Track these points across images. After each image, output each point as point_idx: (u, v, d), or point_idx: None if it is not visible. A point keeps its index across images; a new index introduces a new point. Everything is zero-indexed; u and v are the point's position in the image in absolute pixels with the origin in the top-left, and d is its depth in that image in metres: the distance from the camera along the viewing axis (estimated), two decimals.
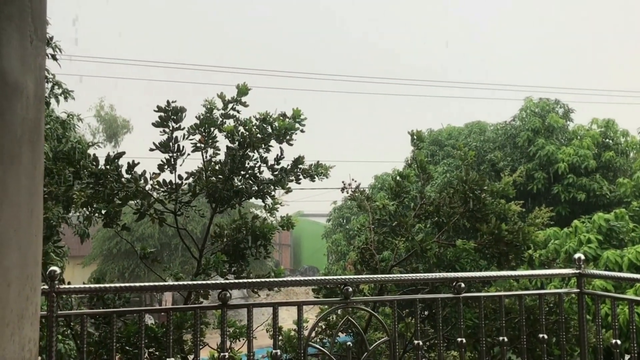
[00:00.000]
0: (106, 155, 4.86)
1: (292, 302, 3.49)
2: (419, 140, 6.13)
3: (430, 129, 19.69)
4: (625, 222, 10.93)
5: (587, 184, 14.64)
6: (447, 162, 16.28)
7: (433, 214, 5.84)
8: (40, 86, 1.66)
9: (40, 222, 1.66)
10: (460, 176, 5.73)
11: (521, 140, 15.64)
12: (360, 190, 6.33)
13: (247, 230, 5.23)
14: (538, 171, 14.96)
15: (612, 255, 9.65)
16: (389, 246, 6.13)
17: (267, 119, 5.30)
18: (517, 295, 4.31)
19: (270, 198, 5.47)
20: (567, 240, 10.70)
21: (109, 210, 4.92)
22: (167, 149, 4.99)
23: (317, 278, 3.68)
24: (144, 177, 4.92)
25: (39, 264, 1.65)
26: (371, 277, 3.96)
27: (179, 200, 5.08)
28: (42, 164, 1.71)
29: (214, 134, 5.21)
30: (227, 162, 5.20)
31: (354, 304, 3.72)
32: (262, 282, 3.58)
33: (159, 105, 4.91)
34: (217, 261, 4.87)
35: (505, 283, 6.47)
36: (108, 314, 3.90)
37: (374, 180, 20.02)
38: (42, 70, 1.72)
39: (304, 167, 5.46)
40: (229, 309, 3.35)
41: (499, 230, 5.44)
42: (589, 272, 4.06)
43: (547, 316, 5.02)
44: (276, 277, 5.21)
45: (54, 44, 7.12)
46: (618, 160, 15.48)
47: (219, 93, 5.24)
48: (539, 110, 16.25)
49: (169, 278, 5.45)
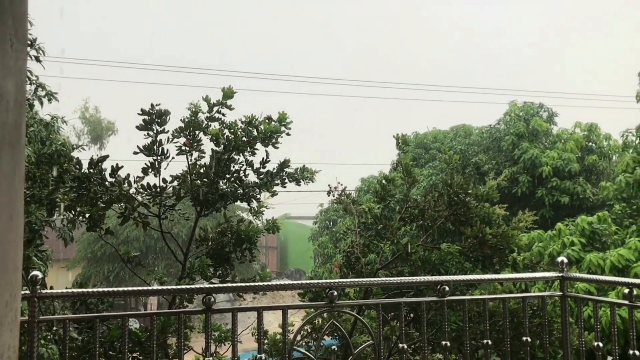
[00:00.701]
0: (90, 159, 4.82)
1: (277, 307, 3.48)
2: (404, 144, 6.15)
3: (417, 131, 19.80)
4: (608, 224, 11.05)
5: (571, 187, 14.80)
6: (433, 165, 16.37)
7: (418, 217, 5.86)
8: (21, 90, 1.64)
9: (20, 228, 1.64)
10: (445, 180, 5.76)
11: (506, 143, 15.77)
12: (346, 194, 6.34)
13: (232, 234, 5.21)
14: (522, 174, 15.09)
15: (594, 258, 9.75)
16: (374, 249, 6.14)
17: (252, 122, 5.29)
18: (501, 299, 4.34)
19: (256, 201, 5.45)
20: (551, 243, 10.79)
21: (93, 214, 4.88)
22: (151, 152, 4.96)
23: (302, 282, 3.67)
24: (127, 180, 4.89)
25: (19, 269, 1.63)
26: (356, 281, 3.96)
27: (163, 203, 5.05)
28: (23, 168, 1.69)
29: (199, 137, 5.19)
30: (212, 166, 5.18)
31: (339, 307, 3.72)
32: (246, 287, 3.56)
33: (143, 108, 4.88)
34: (201, 265, 4.85)
35: (490, 286, 6.51)
36: (91, 318, 3.86)
37: (360, 182, 20.08)
38: (23, 74, 1.70)
39: (289, 170, 5.46)
40: (213, 313, 3.33)
41: (483, 234, 5.47)
42: (572, 276, 4.10)
43: (530, 319, 5.05)
44: (261, 281, 5.19)
45: (37, 45, 7.05)
46: (601, 164, 15.67)
47: (204, 96, 5.22)
48: (523, 114, 16.40)
49: (153, 282, 5.42)
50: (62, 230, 6.90)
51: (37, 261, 5.81)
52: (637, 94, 11.14)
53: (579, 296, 4.24)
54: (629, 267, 9.52)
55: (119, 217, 4.94)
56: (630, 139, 11.81)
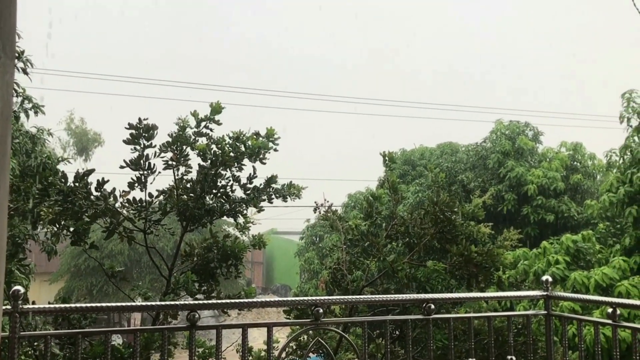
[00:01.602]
0: (75, 172, 4.79)
1: (262, 324, 3.46)
2: (390, 162, 6.18)
3: (404, 148, 19.90)
4: (592, 243, 11.15)
5: (556, 206, 14.92)
6: (420, 182, 16.44)
7: (404, 234, 5.87)
8: (7, 104, 1.63)
9: (3, 241, 1.62)
10: (431, 197, 5.79)
11: (492, 162, 15.89)
12: (332, 211, 6.34)
13: (218, 249, 5.18)
14: (508, 192, 15.20)
15: (579, 276, 9.81)
16: (360, 266, 6.13)
17: (240, 137, 5.29)
18: (486, 317, 4.35)
19: (242, 217, 5.44)
20: (536, 261, 10.85)
21: (77, 228, 4.84)
22: (137, 166, 4.94)
23: (288, 299, 3.67)
24: (113, 194, 4.86)
25: (1, 284, 1.61)
26: (342, 298, 3.95)
27: (149, 218, 5.02)
28: (7, 181, 1.68)
29: (186, 152, 5.18)
30: (199, 181, 5.17)
31: (324, 325, 3.71)
32: (231, 304, 3.54)
33: (130, 122, 4.87)
34: (186, 280, 4.81)
35: (475, 304, 6.52)
36: (73, 334, 3.81)
37: (348, 198, 20.09)
38: (10, 87, 1.70)
39: (276, 186, 5.46)
40: (197, 329, 3.30)
41: (468, 252, 5.48)
42: (556, 295, 4.12)
43: (515, 337, 5.06)
44: (247, 297, 5.16)
45: (24, 57, 7.02)
46: (585, 183, 15.83)
47: (192, 111, 5.23)
48: (509, 133, 16.56)
49: (137, 297, 5.37)
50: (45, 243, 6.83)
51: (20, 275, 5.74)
52: (620, 115, 11.30)
53: (564, 315, 4.26)
54: (613, 285, 9.59)
55: (104, 231, 4.90)
56: (614, 158, 11.96)
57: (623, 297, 9.08)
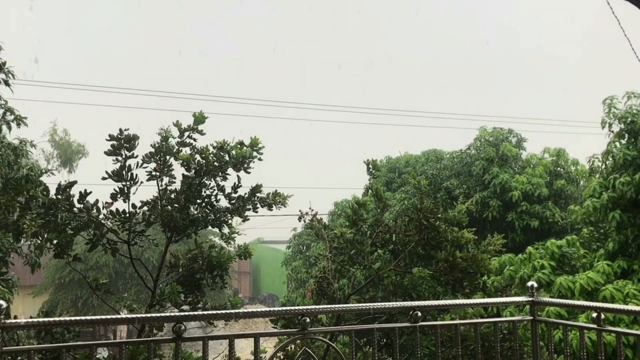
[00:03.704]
0: (57, 185, 4.74)
1: (248, 334, 3.44)
2: (374, 169, 6.20)
3: (389, 156, 19.96)
4: (577, 248, 11.24)
5: (540, 212, 15.03)
6: (405, 190, 16.48)
7: (389, 241, 5.88)
8: None
9: None
10: (415, 204, 5.81)
11: (476, 168, 15.99)
12: (317, 219, 6.34)
13: (203, 260, 5.15)
14: (493, 199, 15.29)
15: (564, 281, 9.89)
16: (346, 274, 6.13)
17: (224, 147, 5.28)
18: (472, 323, 4.35)
19: (227, 227, 5.42)
20: (522, 267, 10.92)
21: (60, 240, 4.79)
22: (120, 177, 4.91)
23: (274, 309, 3.65)
24: (96, 206, 4.82)
25: None
26: (328, 307, 3.95)
27: (133, 229, 4.98)
28: None
29: (169, 162, 5.15)
30: (183, 191, 5.14)
31: (311, 334, 3.69)
32: (217, 315, 3.52)
33: (111, 134, 4.84)
34: (172, 292, 4.78)
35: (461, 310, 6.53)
36: (57, 348, 3.76)
37: (334, 206, 20.09)
38: None
39: (261, 195, 5.44)
40: (183, 341, 3.27)
41: (453, 258, 5.51)
42: (542, 300, 4.14)
43: (501, 343, 5.08)
44: (233, 307, 5.13)
45: (6, 69, 6.97)
46: (569, 188, 15.97)
47: (175, 121, 5.21)
48: (493, 139, 16.67)
49: (122, 309, 5.32)
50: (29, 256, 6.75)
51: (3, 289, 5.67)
52: (602, 121, 11.43)
53: (549, 320, 4.28)
54: (598, 289, 9.67)
55: (87, 243, 4.86)
56: (597, 164, 12.08)
57: (607, 301, 9.16)
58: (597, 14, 12.78)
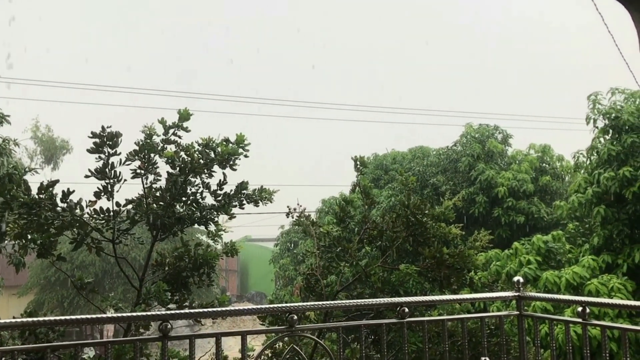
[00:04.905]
0: (40, 184, 4.68)
1: (235, 332, 3.42)
2: (362, 166, 6.19)
3: (376, 153, 19.97)
4: (562, 243, 11.34)
5: (526, 207, 15.12)
6: (392, 186, 16.50)
7: (377, 238, 5.88)
8: None
9: None
10: (402, 201, 5.81)
11: (462, 165, 16.04)
12: (305, 216, 6.32)
13: (189, 258, 5.11)
14: (479, 195, 15.35)
15: (550, 276, 9.96)
16: (334, 271, 6.12)
17: (210, 144, 5.24)
18: (459, 319, 4.37)
19: (214, 224, 5.38)
20: (508, 262, 10.99)
21: (44, 240, 4.72)
22: (103, 175, 4.85)
23: (261, 307, 3.63)
24: (80, 205, 4.76)
25: None
26: (316, 304, 3.93)
27: (118, 228, 4.93)
28: None
29: (154, 159, 5.10)
30: (168, 189, 5.10)
31: (299, 331, 3.68)
32: (204, 313, 3.49)
33: (94, 131, 4.78)
34: (158, 290, 4.74)
35: (448, 306, 6.56)
36: (41, 349, 3.72)
37: (321, 204, 20.06)
38: None
39: (247, 192, 5.41)
40: (170, 340, 3.24)
41: (440, 254, 5.52)
42: (528, 295, 4.16)
43: (488, 338, 5.10)
44: (220, 305, 5.10)
45: None
46: (554, 184, 16.09)
47: (159, 118, 5.16)
48: (479, 136, 16.74)
49: (108, 308, 5.26)
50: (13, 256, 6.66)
51: None
52: (587, 117, 11.53)
53: (536, 315, 4.30)
54: (583, 284, 9.76)
55: (71, 243, 4.80)
56: (582, 160, 12.18)
57: (593, 295, 9.24)
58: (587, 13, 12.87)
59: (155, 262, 5.16)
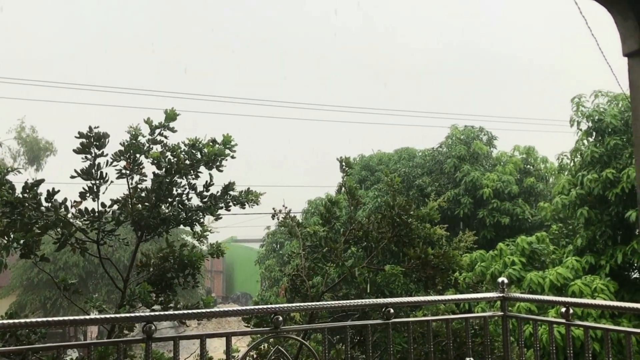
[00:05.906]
0: (24, 183, 4.63)
1: (220, 334, 3.40)
2: (347, 167, 6.20)
3: (362, 154, 20.02)
4: (546, 244, 11.44)
5: (510, 209, 15.23)
6: (378, 187, 16.54)
7: (362, 238, 5.89)
8: None
9: None
10: (388, 202, 5.83)
11: (448, 166, 16.13)
12: (290, 217, 6.31)
13: (174, 259, 5.08)
14: (464, 196, 15.43)
15: (534, 276, 10.04)
16: (319, 272, 6.12)
17: (196, 144, 5.22)
18: (444, 319, 4.39)
19: (199, 225, 5.35)
20: (493, 263, 11.05)
21: (27, 240, 4.67)
22: (89, 176, 4.81)
23: (246, 308, 3.63)
24: (64, 205, 4.72)
25: None
26: (301, 306, 3.93)
27: (102, 228, 4.89)
28: None
29: (139, 160, 5.07)
30: (154, 189, 5.07)
31: (284, 333, 3.68)
32: (188, 314, 3.48)
33: (81, 131, 4.74)
34: (142, 292, 4.70)
35: (433, 307, 6.59)
36: (22, 351, 3.67)
37: (307, 205, 20.06)
38: None
39: (234, 193, 5.39)
40: (154, 341, 3.23)
41: (425, 255, 5.54)
42: (512, 296, 4.20)
43: (473, 339, 5.13)
44: (205, 306, 5.08)
45: None
46: (538, 186, 16.23)
47: (145, 118, 5.13)
48: (464, 138, 16.84)
49: (92, 310, 5.22)
50: None
51: None
52: (570, 119, 11.64)
53: (520, 316, 4.34)
54: (567, 285, 9.85)
55: (55, 243, 4.75)
56: (565, 161, 12.31)
57: (576, 296, 9.34)
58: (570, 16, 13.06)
59: (139, 263, 5.12)
